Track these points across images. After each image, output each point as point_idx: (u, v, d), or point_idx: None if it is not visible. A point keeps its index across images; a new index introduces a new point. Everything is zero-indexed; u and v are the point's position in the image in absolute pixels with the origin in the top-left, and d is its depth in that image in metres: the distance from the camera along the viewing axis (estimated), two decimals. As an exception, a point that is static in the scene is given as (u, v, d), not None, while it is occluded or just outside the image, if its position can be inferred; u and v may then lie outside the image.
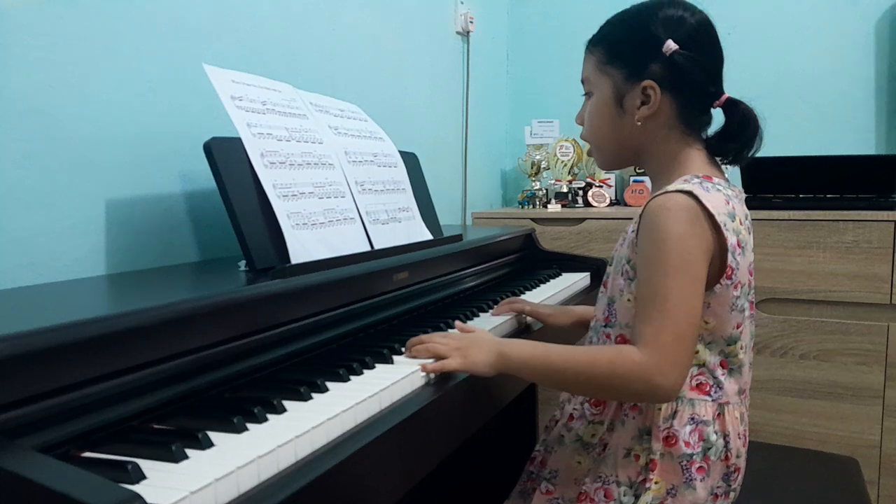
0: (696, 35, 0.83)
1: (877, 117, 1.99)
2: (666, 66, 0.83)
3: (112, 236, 0.96)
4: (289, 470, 0.54)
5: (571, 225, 1.93)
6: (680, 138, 0.87)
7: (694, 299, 0.76)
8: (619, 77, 0.87)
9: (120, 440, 0.57)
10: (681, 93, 0.84)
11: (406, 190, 1.19)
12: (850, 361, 1.65)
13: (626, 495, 0.83)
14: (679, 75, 0.83)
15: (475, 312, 1.07)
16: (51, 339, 0.53)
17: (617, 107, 0.87)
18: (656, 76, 0.84)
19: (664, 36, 0.83)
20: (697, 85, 0.84)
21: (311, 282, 0.82)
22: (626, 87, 0.86)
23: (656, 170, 0.90)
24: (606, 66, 0.88)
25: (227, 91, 0.90)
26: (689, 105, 0.85)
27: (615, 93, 0.87)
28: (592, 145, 0.94)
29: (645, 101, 0.85)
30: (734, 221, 0.80)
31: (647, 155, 0.90)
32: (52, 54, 0.88)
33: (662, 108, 0.85)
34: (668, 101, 0.85)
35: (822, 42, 2.03)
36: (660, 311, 0.75)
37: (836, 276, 1.65)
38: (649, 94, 0.84)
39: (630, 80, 0.86)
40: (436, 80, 1.95)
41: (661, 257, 0.77)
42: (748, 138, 0.85)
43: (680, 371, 0.76)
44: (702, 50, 0.84)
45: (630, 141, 0.89)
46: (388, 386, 0.70)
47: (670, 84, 0.84)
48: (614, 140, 0.90)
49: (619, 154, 0.92)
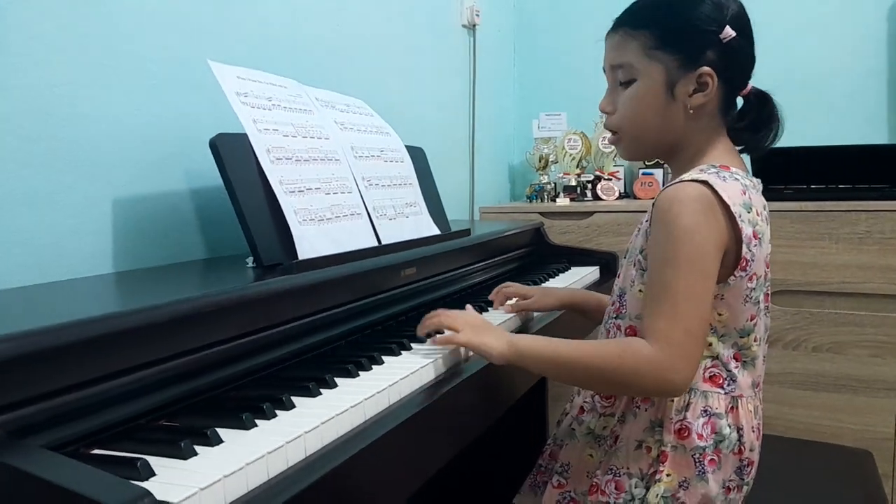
0: (743, 21, 0.83)
1: (889, 107, 1.97)
2: (721, 52, 0.81)
3: (118, 235, 0.96)
4: (298, 466, 0.54)
5: (580, 219, 1.91)
6: (715, 128, 0.85)
7: (704, 294, 0.76)
8: (673, 63, 0.82)
9: (129, 438, 0.57)
10: (730, 81, 0.83)
11: (413, 185, 1.19)
12: (864, 354, 1.63)
13: (637, 487, 0.82)
14: (732, 62, 0.81)
15: (484, 307, 1.06)
16: (58, 337, 0.53)
17: (667, 94, 0.83)
18: (713, 63, 0.81)
19: (720, 21, 0.80)
20: (746, 72, 0.83)
21: (319, 278, 0.82)
22: (680, 74, 0.82)
23: (684, 159, 0.87)
24: (656, 52, 0.82)
25: (233, 87, 0.90)
26: (732, 94, 0.84)
27: (667, 79, 0.82)
28: (627, 134, 0.88)
29: (699, 89, 0.82)
30: (750, 212, 0.79)
31: (682, 145, 0.86)
32: (56, 54, 0.88)
33: (712, 97, 0.83)
34: (719, 89, 0.82)
35: (834, 32, 2.00)
36: (670, 307, 0.75)
37: (849, 267, 1.63)
38: (706, 81, 0.81)
39: (686, 65, 0.81)
40: (442, 73, 1.94)
41: (673, 251, 0.76)
42: (771, 129, 0.84)
43: (690, 366, 0.75)
44: (746, 36, 0.83)
45: (673, 130, 0.85)
46: (397, 381, 0.70)
47: (723, 72, 0.81)
48: (657, 129, 0.86)
49: (657, 144, 0.88)
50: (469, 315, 0.84)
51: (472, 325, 0.81)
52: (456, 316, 0.83)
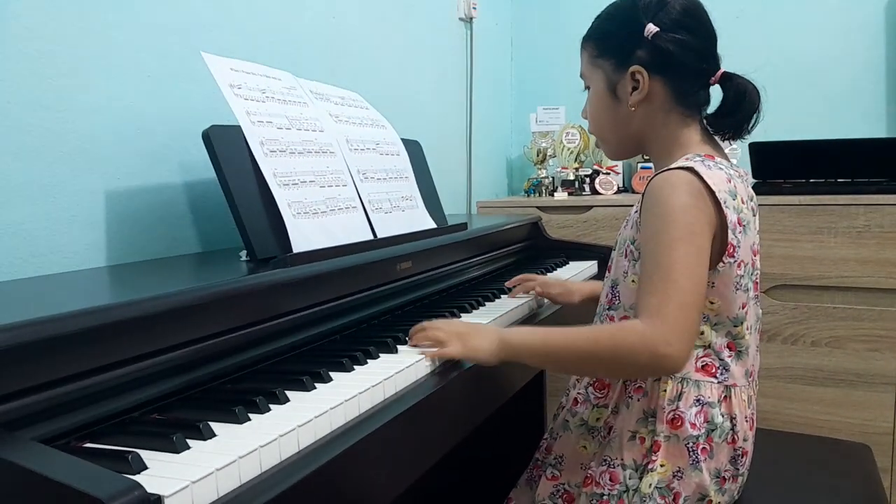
0: (681, 16, 0.84)
1: (887, 100, 1.96)
2: (651, 50, 0.84)
3: (112, 228, 0.95)
4: (291, 459, 0.54)
5: (578, 213, 1.91)
6: (679, 120, 0.87)
7: (698, 268, 0.76)
8: (609, 67, 0.89)
9: (121, 431, 0.56)
10: (672, 74, 0.85)
11: (409, 178, 1.18)
12: (862, 348, 1.63)
13: (631, 478, 0.82)
14: (666, 57, 0.84)
15: (480, 302, 1.06)
16: (51, 329, 0.52)
17: (612, 97, 0.89)
18: (643, 61, 0.85)
19: (645, 21, 0.84)
20: (687, 64, 0.84)
21: (314, 271, 0.81)
22: (617, 77, 0.88)
23: (659, 154, 0.90)
24: (597, 59, 0.90)
25: (226, 79, 0.89)
26: (683, 85, 0.86)
27: (608, 83, 0.89)
28: (598, 138, 0.97)
29: (635, 87, 0.86)
30: (735, 199, 0.81)
31: (649, 140, 0.90)
32: (50, 46, 0.87)
33: (655, 92, 0.86)
34: (659, 84, 0.86)
35: (831, 25, 2.00)
36: (663, 281, 0.74)
37: (848, 261, 1.63)
38: (638, 79, 0.86)
39: (619, 68, 0.88)
40: (439, 66, 1.93)
41: (665, 228, 0.76)
42: (746, 112, 0.85)
43: (685, 341, 0.74)
44: (687, 29, 0.84)
45: (630, 129, 0.90)
46: (392, 375, 0.69)
47: (658, 67, 0.85)
48: (615, 130, 0.92)
49: (622, 143, 0.94)
50: (454, 324, 0.82)
51: (459, 333, 0.79)
52: (440, 327, 0.80)
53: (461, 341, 0.78)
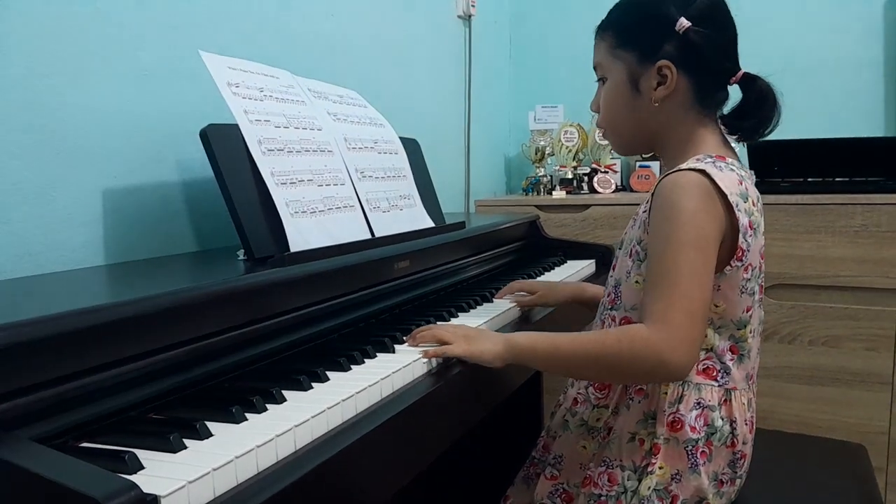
0: (709, 11, 0.82)
1: (885, 100, 1.96)
2: (680, 44, 0.82)
3: (109, 226, 0.95)
4: (288, 459, 0.54)
5: (576, 212, 1.91)
6: (696, 119, 0.86)
7: (706, 276, 0.75)
8: (633, 59, 0.85)
9: (118, 430, 0.56)
10: (697, 71, 0.83)
11: (407, 177, 1.18)
12: (860, 347, 1.63)
13: (629, 480, 0.82)
14: (694, 53, 0.81)
15: (478, 301, 1.06)
16: (48, 328, 0.52)
17: (632, 90, 0.86)
18: (671, 55, 0.82)
19: (676, 13, 0.81)
20: (713, 62, 0.83)
21: (311, 270, 0.81)
22: (641, 70, 0.85)
23: (672, 152, 0.88)
24: (618, 50, 0.87)
25: (224, 78, 0.89)
26: (706, 83, 0.84)
27: (630, 76, 0.86)
28: (609, 131, 0.93)
29: (661, 82, 0.84)
30: (746, 202, 0.79)
31: (663, 138, 0.88)
32: (47, 44, 0.87)
33: (679, 88, 0.84)
34: (684, 80, 0.83)
35: (830, 24, 1.99)
36: (670, 287, 0.74)
37: (845, 260, 1.63)
38: (665, 73, 0.83)
39: (644, 61, 0.84)
40: (437, 64, 1.93)
41: (674, 233, 0.75)
42: (766, 115, 0.84)
43: (690, 348, 0.74)
44: (715, 26, 0.82)
45: (647, 124, 0.87)
46: (389, 375, 0.69)
47: (686, 63, 0.82)
48: (631, 124, 0.89)
49: (636, 138, 0.91)
50: (461, 327, 0.83)
51: (466, 335, 0.79)
52: (447, 328, 0.81)
53: (466, 342, 0.78)
